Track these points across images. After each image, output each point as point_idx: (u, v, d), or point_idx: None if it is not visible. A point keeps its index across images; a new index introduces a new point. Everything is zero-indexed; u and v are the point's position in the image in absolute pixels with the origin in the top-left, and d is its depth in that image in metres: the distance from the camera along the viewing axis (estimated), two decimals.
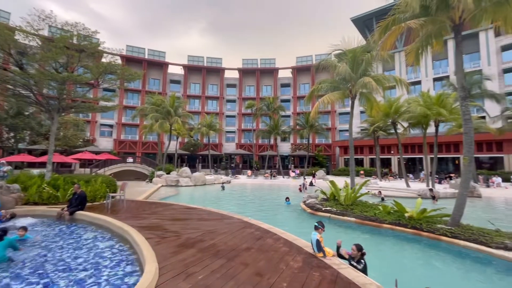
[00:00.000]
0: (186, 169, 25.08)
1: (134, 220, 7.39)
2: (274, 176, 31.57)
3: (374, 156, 31.39)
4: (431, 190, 16.64)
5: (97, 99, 17.72)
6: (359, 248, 4.64)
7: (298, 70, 49.94)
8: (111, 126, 44.04)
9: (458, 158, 30.51)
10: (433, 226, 7.70)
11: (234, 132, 50.47)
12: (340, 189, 11.70)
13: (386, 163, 36.18)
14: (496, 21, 7.97)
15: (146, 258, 4.20)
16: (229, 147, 48.80)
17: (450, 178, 25.70)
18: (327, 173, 37.51)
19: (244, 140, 50.04)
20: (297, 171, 35.51)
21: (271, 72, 51.08)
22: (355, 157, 38.15)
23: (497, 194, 19.15)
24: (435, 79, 37.26)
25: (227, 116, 51.02)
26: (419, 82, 38.70)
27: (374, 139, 29.55)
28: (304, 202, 12.60)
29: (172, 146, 36.39)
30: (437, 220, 8.20)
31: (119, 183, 12.71)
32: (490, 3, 7.53)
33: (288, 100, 50.23)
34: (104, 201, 10.61)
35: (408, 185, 20.21)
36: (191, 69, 50.26)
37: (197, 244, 5.30)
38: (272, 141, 39.32)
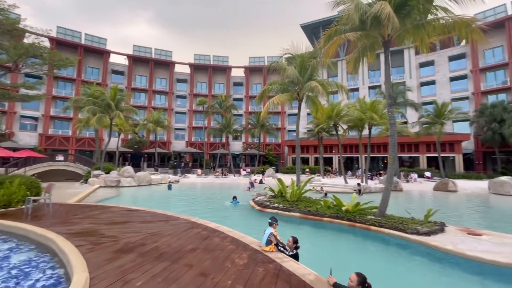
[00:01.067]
0: (128, 168, 23.12)
1: (62, 226, 6.50)
2: (225, 175, 31.44)
3: (318, 155, 33.89)
4: (358, 184, 18.70)
5: (16, 85, 14.99)
6: (294, 240, 5.01)
7: (251, 70, 50.66)
8: (35, 118, 37.75)
9: (386, 157, 35.12)
10: (364, 218, 8.68)
11: (184, 129, 48.56)
12: (287, 186, 12.30)
13: (329, 161, 39.43)
14: (415, 41, 9.40)
15: (74, 268, 3.73)
16: (179, 145, 46.78)
17: (380, 174, 29.41)
18: (276, 171, 39.03)
19: (195, 138, 48.61)
20: (248, 170, 36.07)
21: (224, 70, 50.67)
22: (301, 156, 40.70)
23: (414, 188, 22.66)
24: (370, 87, 42.05)
25: (177, 113, 48.79)
26: (357, 89, 43.15)
27: (318, 140, 31.89)
28: (254, 199, 12.86)
29: (113, 143, 33.12)
30: (368, 212, 9.28)
31: (44, 184, 10.98)
32: (411, 26, 8.83)
33: (240, 99, 50.54)
34: (23, 206, 9.06)
35: (346, 182, 22.39)
36: (137, 60, 46.48)
37: (137, 248, 4.94)
38: (224, 140, 39.12)
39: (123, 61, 46.14)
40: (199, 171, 32.98)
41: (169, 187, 20.44)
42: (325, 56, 9.64)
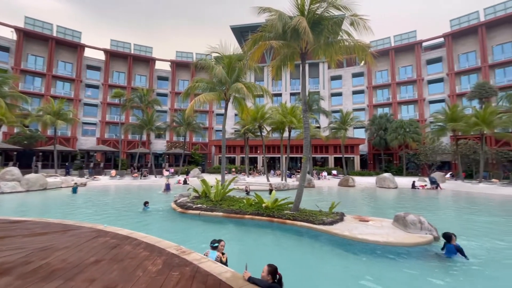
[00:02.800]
0: (12, 170, 18.44)
1: None
2: (144, 176, 28.77)
3: (244, 155, 34.97)
4: (270, 185, 19.68)
5: None
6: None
7: (178, 65, 48.08)
8: None
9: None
10: (281, 213, 9.43)
11: (95, 124, 42.04)
12: (211, 186, 12.20)
13: (254, 161, 41.20)
14: (326, 57, 10.81)
15: None
16: (88, 142, 40.19)
17: (298, 173, 32.60)
18: (203, 171, 38.29)
19: (109, 134, 42.75)
20: (172, 170, 34.06)
21: (147, 61, 46.42)
22: (228, 156, 41.22)
23: (324, 184, 26.07)
24: (291, 94, 46.10)
25: (86, 104, 41.83)
26: (280, 94, 46.63)
27: (244, 140, 32.92)
28: (175, 201, 12.23)
29: None
30: (285, 207, 10.12)
31: None
32: (323, 43, 10.12)
33: (165, 95, 47.32)
34: None
35: (268, 180, 23.85)
36: (31, 37, 37.55)
37: (17, 269, 3.96)
38: (144, 137, 35.72)
39: (9, 34, 36.49)
40: (113, 172, 29.09)
41: (74, 191, 17.34)
42: (250, 60, 10.02)
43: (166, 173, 32.03)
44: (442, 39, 39.19)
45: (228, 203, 10.95)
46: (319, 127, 37.82)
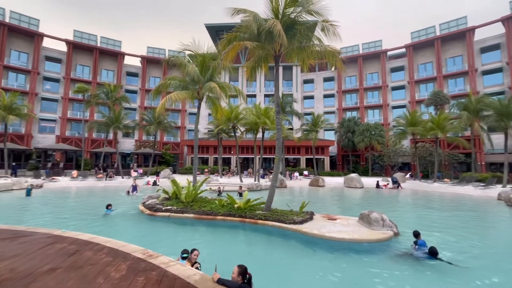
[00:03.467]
0: None
1: None
2: (110, 177, 27.12)
3: (218, 156, 34.57)
4: (240, 187, 19.00)
5: None
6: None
7: (149, 61, 46.13)
8: None
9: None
10: (254, 213, 9.47)
11: (54, 120, 38.73)
12: (183, 187, 11.88)
13: (227, 161, 40.91)
14: (299, 60, 11.11)
15: None
16: (46, 140, 36.87)
17: (271, 173, 33.00)
18: (174, 172, 37.12)
19: (71, 132, 39.68)
20: (140, 171, 32.55)
21: (115, 55, 43.88)
22: (201, 156, 40.44)
23: (296, 184, 26.71)
24: (266, 95, 46.57)
25: (45, 99, 38.38)
26: (255, 95, 46.91)
27: (218, 140, 32.56)
28: (144, 203, 11.70)
29: None
30: (257, 208, 10.18)
31: None
32: (296, 46, 10.38)
33: (135, 92, 45.13)
34: None
35: (241, 180, 23.84)
36: None
37: None
38: (111, 136, 33.61)
39: None
40: (75, 172, 26.98)
41: (28, 193, 15.79)
42: (224, 59, 9.95)
43: (134, 173, 30.52)
44: (404, 50, 42.33)
45: (200, 205, 10.74)
46: (292, 129, 38.67)
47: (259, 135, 26.01)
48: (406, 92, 41.43)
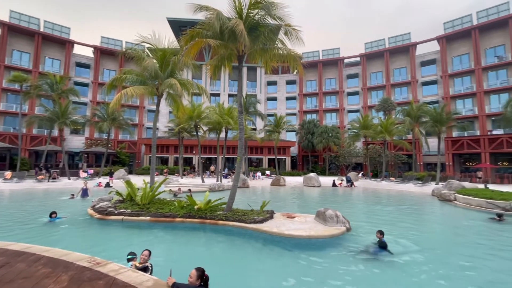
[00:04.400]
0: None
1: None
2: (54, 178, 24.24)
3: (179, 155, 33.32)
4: (189, 190, 17.56)
5: None
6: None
7: (103, 52, 42.44)
8: None
9: None
10: (214, 214, 9.33)
11: None
12: (138, 189, 11.18)
13: (189, 161, 39.69)
14: (262, 62, 11.26)
15: None
16: None
17: (234, 173, 32.93)
18: (130, 173, 34.73)
19: (5, 127, 34.56)
20: (91, 171, 29.76)
21: (62, 43, 39.44)
22: (160, 155, 38.58)
23: (258, 184, 27.08)
24: (230, 95, 46.34)
25: None
26: (219, 95, 46.34)
27: (179, 139, 31.39)
28: (93, 206, 10.72)
29: None
30: (218, 208, 10.05)
31: None
32: (259, 48, 10.51)
33: (86, 84, 41.13)
34: None
35: (203, 181, 23.35)
36: None
37: None
38: (56, 133, 30.05)
39: None
40: (8, 173, 23.50)
41: None
42: (186, 56, 9.63)
43: (83, 174, 27.80)
44: (359, 58, 45.84)
45: (157, 207, 10.22)
46: (255, 129, 39.12)
47: (222, 134, 25.76)
48: (360, 98, 44.91)
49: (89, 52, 43.18)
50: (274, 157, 36.76)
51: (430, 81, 39.46)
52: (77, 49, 41.82)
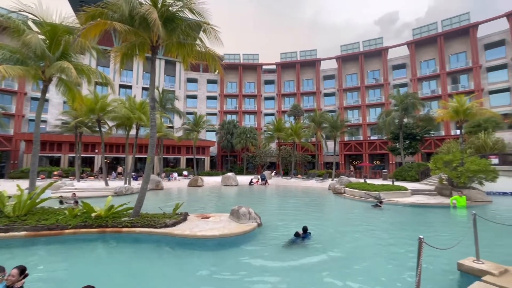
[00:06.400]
0: None
1: None
2: None
3: (75, 154, 27.89)
4: (68, 197, 15.20)
5: None
6: (21, 270, 3.83)
7: None
8: None
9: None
10: (117, 221, 8.23)
11: None
12: (9, 197, 8.74)
13: (89, 162, 33.86)
14: (180, 57, 10.69)
15: None
16: None
17: None
18: (2, 176, 26.83)
19: None
20: None
21: None
22: (50, 154, 31.47)
23: (174, 185, 25.64)
24: (144, 88, 42.13)
25: None
26: (130, 87, 41.47)
27: (76, 135, 26.27)
28: None
29: None
30: (122, 214, 8.91)
31: None
32: (176, 41, 9.95)
33: None
34: None
35: (107, 184, 20.35)
36: None
37: None
38: None
39: None
40: None
41: None
42: (83, 36, 8.14)
43: None
44: (275, 66, 49.81)
45: (39, 218, 8.22)
46: (172, 127, 36.96)
47: (133, 131, 23.11)
48: (275, 103, 48.88)
49: None
50: (192, 157, 35.63)
51: (330, 93, 46.80)
52: None
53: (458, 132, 27.04)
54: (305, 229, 7.87)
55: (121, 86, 40.88)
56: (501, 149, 21.10)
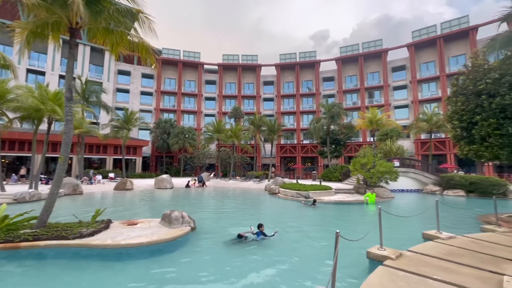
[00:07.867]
0: None
1: None
2: None
3: None
4: None
5: None
6: None
7: None
8: None
9: (71, 158, 31.50)
10: (15, 233, 6.73)
11: None
12: None
13: None
14: (108, 45, 9.47)
15: None
16: None
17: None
18: None
19: None
20: None
21: None
22: None
23: (97, 189, 22.59)
24: (61, 76, 35.96)
25: None
26: (43, 73, 34.92)
27: None
28: None
29: None
30: (22, 226, 7.35)
31: None
32: (102, 26, 8.80)
33: None
34: None
35: (3, 189, 16.50)
36: None
37: None
38: None
39: None
40: None
41: None
42: None
43: None
44: (216, 67, 49.36)
45: None
46: (97, 123, 32.63)
47: (44, 126, 19.37)
48: (216, 103, 48.39)
49: None
50: (121, 157, 32.11)
51: (269, 98, 49.05)
52: None
53: (372, 139, 31.84)
54: (259, 226, 8.07)
55: (30, 71, 34.02)
56: (401, 154, 25.81)
